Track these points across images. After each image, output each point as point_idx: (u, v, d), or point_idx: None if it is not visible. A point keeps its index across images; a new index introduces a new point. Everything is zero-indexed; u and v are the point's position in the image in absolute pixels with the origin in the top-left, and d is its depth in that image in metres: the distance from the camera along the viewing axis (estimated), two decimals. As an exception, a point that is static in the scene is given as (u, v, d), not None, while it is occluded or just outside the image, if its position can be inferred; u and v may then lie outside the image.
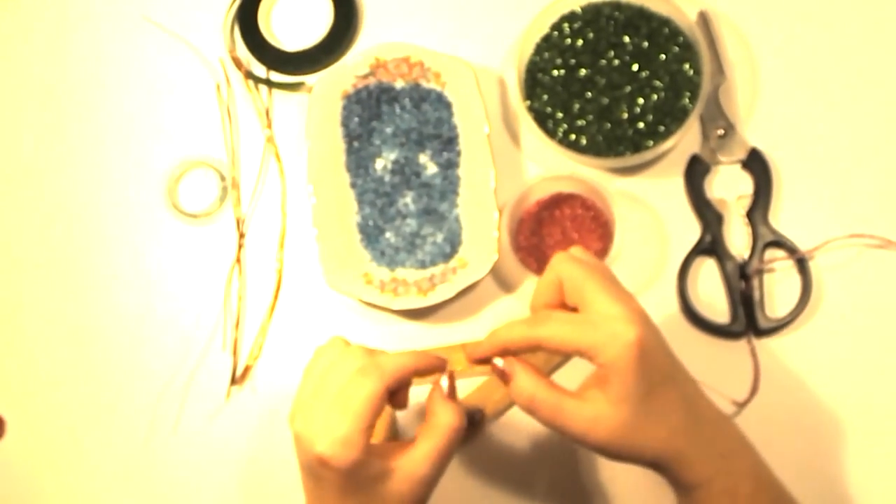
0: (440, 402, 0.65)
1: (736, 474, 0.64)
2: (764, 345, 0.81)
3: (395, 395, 0.66)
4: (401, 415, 0.82)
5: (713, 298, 0.83)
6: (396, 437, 0.81)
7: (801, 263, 0.81)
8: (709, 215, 0.83)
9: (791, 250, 0.81)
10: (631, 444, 0.62)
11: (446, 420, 0.64)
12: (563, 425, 0.62)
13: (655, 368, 0.61)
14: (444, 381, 0.66)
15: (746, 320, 0.81)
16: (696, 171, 0.84)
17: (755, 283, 0.82)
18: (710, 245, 0.83)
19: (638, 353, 0.60)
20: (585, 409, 0.61)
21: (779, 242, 0.82)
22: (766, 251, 0.82)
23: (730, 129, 0.85)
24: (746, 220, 0.83)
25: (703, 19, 0.86)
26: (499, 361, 0.65)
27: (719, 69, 0.85)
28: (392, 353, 0.66)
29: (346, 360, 0.65)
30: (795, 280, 0.82)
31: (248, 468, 0.87)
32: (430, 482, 0.64)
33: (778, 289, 0.82)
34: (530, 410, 0.63)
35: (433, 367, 0.66)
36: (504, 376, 0.65)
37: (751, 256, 0.82)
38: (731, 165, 0.85)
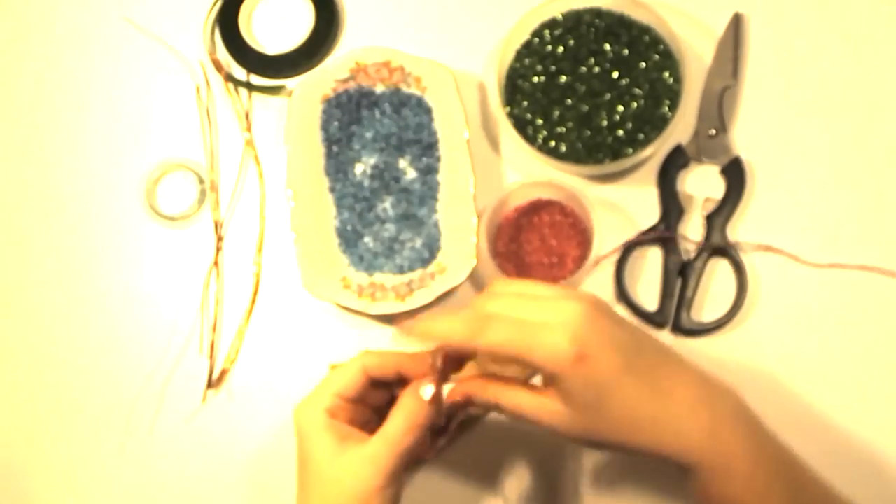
0: (410, 396, 0.66)
1: (726, 453, 0.62)
2: (683, 343, 0.83)
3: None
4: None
5: (649, 286, 0.84)
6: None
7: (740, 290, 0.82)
8: (672, 206, 0.84)
9: (736, 263, 0.82)
10: (595, 439, 0.62)
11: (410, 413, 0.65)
12: (530, 420, 0.63)
13: (602, 373, 0.60)
14: (426, 389, 0.65)
15: (672, 316, 0.83)
16: (674, 162, 0.85)
17: (691, 283, 0.82)
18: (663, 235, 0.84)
19: (577, 369, 0.59)
20: (544, 407, 0.62)
21: (726, 252, 0.83)
22: (711, 258, 0.83)
23: (721, 132, 0.85)
24: (705, 223, 0.84)
25: (736, 21, 0.86)
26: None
27: (734, 72, 0.85)
28: (387, 351, 0.69)
29: None
30: (731, 292, 0.83)
31: (224, 471, 0.86)
32: (386, 471, 0.64)
33: (713, 292, 0.83)
34: (499, 411, 0.65)
35: (421, 373, 0.66)
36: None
37: (696, 257, 0.83)
38: (711, 167, 0.85)
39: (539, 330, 0.60)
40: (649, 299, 0.84)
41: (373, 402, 0.69)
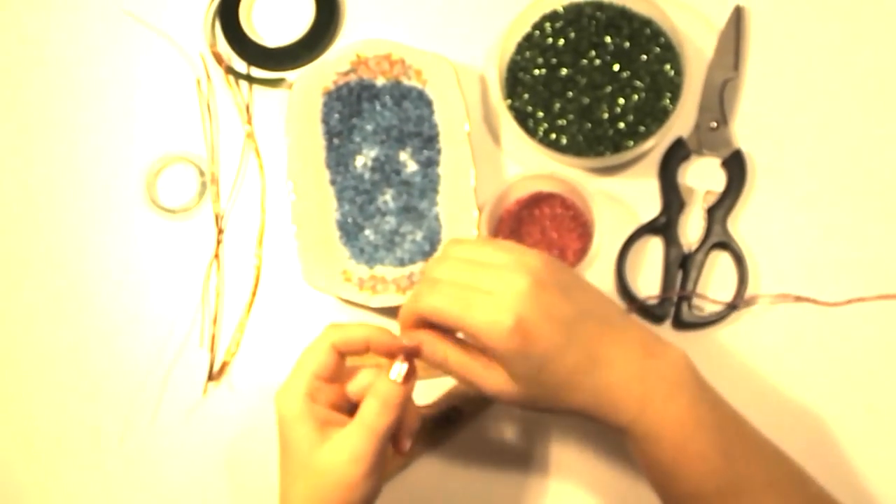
0: (382, 379, 0.64)
1: (656, 423, 0.63)
2: (684, 336, 0.82)
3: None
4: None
5: (650, 278, 0.84)
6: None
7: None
8: (672, 199, 0.84)
9: (737, 256, 0.82)
10: (538, 406, 0.65)
11: (383, 394, 0.63)
12: (476, 386, 0.65)
13: (543, 347, 0.61)
14: (397, 367, 0.64)
15: (673, 309, 0.83)
16: (675, 154, 0.85)
17: (692, 276, 0.82)
18: (663, 226, 0.84)
19: (517, 343, 0.61)
20: (491, 377, 0.64)
21: (727, 245, 0.83)
22: (713, 250, 0.83)
23: (722, 124, 0.85)
24: (706, 216, 0.83)
25: (737, 13, 0.86)
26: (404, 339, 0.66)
27: (735, 65, 0.85)
28: (352, 324, 0.68)
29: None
30: (732, 285, 0.82)
31: (225, 464, 0.86)
32: (366, 458, 0.63)
33: (714, 284, 0.83)
34: (447, 372, 0.66)
35: (388, 344, 0.66)
36: (415, 351, 0.65)
37: (697, 250, 0.83)
38: (712, 160, 0.85)
39: (480, 299, 0.61)
40: (650, 292, 0.84)
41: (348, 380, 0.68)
